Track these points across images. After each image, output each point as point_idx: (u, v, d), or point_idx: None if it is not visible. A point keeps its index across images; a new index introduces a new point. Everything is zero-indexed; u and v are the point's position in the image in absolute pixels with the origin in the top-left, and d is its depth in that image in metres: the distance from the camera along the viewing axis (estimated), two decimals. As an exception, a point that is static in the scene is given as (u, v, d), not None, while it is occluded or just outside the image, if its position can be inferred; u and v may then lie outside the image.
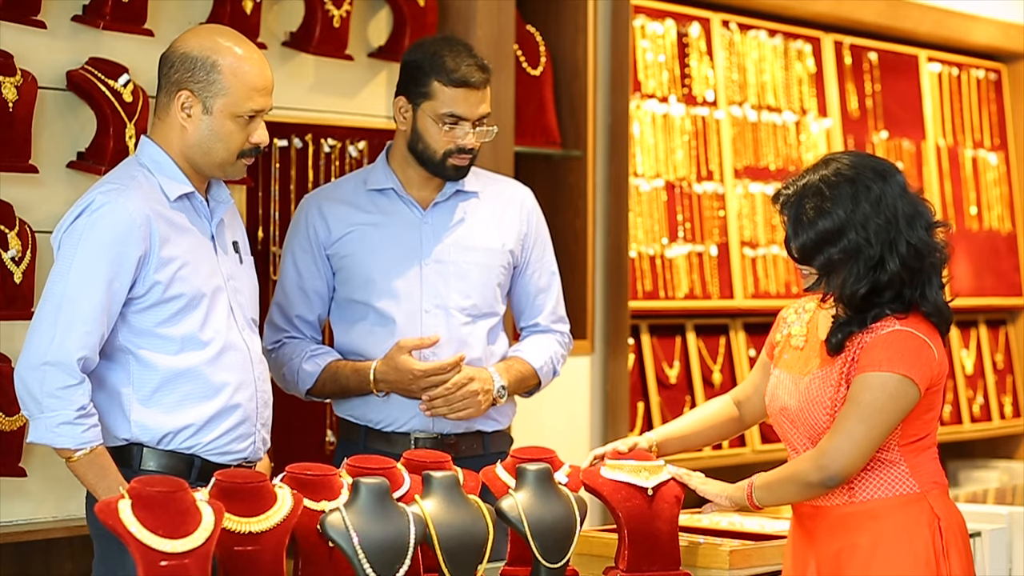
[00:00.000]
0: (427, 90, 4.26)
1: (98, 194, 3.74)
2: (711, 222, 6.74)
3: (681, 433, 4.05)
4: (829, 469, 3.56)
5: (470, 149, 4.30)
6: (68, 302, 3.67)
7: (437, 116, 4.26)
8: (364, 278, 4.31)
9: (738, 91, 6.92)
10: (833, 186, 3.58)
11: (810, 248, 3.59)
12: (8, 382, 4.25)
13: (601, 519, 5.72)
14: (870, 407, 3.53)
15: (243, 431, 3.86)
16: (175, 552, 3.07)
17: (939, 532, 3.61)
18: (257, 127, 3.85)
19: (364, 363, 4.30)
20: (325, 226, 4.33)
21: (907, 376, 3.53)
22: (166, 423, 3.77)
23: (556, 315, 4.53)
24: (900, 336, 3.55)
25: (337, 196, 4.38)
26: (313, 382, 4.33)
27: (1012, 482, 7.67)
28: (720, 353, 6.74)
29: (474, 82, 4.26)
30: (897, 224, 3.56)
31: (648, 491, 3.89)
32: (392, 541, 3.35)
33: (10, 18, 4.34)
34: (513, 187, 4.54)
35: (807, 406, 3.65)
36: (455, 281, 4.34)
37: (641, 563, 3.83)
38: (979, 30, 7.86)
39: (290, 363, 4.34)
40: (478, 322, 4.36)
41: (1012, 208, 8.18)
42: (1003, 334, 8.13)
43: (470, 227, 4.38)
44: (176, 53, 3.82)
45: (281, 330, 4.38)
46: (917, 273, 3.59)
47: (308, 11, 5.08)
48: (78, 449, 3.65)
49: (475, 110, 4.28)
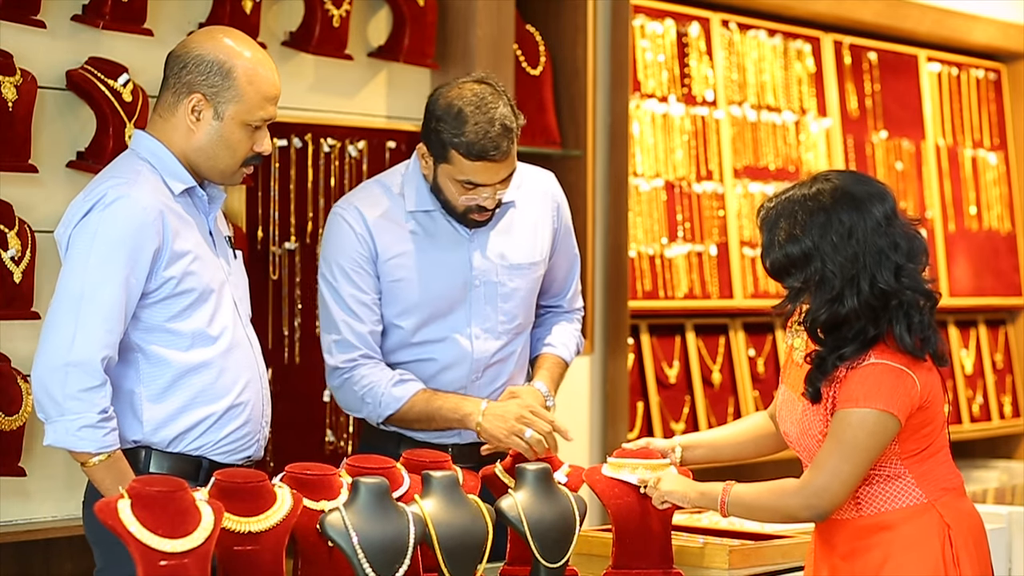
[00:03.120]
0: (447, 155, 4.09)
1: (108, 188, 3.67)
2: (711, 222, 6.74)
3: (711, 442, 4.03)
4: (818, 508, 3.56)
5: (490, 207, 4.18)
6: (87, 300, 3.59)
7: (455, 181, 4.12)
8: (411, 303, 4.21)
9: (738, 91, 6.92)
10: (808, 212, 3.54)
11: (778, 268, 3.60)
12: (8, 381, 4.25)
13: (601, 519, 5.72)
14: (851, 445, 3.51)
15: (250, 429, 3.85)
16: (175, 552, 3.07)
17: (948, 541, 3.59)
18: (263, 135, 3.82)
19: (466, 405, 4.15)
20: (374, 244, 4.18)
21: (885, 411, 3.50)
22: (178, 421, 3.74)
23: (576, 296, 4.51)
24: (876, 370, 3.52)
25: (381, 213, 4.20)
26: (398, 408, 4.18)
27: (1012, 482, 7.66)
28: (720, 353, 6.74)
29: (494, 156, 4.06)
30: (864, 260, 3.50)
31: (641, 489, 3.90)
32: (392, 541, 3.35)
33: (10, 18, 4.34)
34: (539, 179, 4.40)
35: (803, 436, 3.63)
36: (501, 303, 4.26)
37: (631, 560, 3.84)
38: (979, 30, 7.86)
39: (373, 387, 4.17)
40: (519, 337, 4.34)
41: (1012, 208, 8.18)
42: (1003, 334, 8.13)
43: (512, 242, 4.28)
44: (189, 54, 3.77)
45: (354, 348, 4.19)
46: (880, 312, 3.51)
47: (308, 11, 5.08)
48: (98, 453, 3.59)
49: (495, 177, 4.11)
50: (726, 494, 3.67)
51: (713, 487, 3.71)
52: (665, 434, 6.28)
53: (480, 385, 4.25)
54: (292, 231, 5.13)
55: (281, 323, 5.12)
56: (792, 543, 4.10)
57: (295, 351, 5.12)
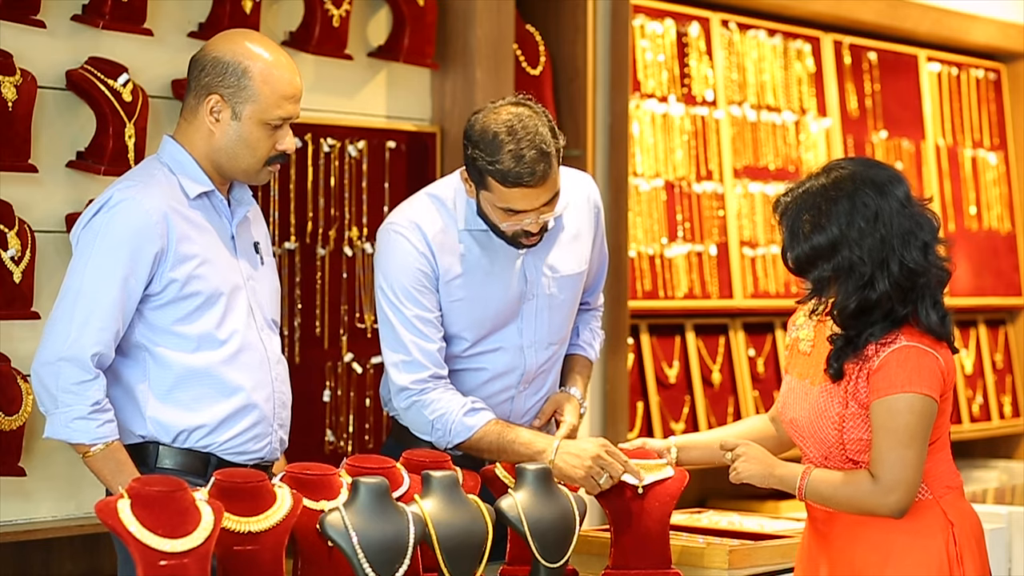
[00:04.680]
0: (485, 182, 4.00)
1: (116, 191, 3.75)
2: (710, 222, 6.74)
3: (708, 443, 4.02)
4: (899, 503, 3.53)
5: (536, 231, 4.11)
6: (84, 298, 3.68)
7: (495, 207, 4.05)
8: (469, 321, 4.17)
9: (737, 91, 6.92)
10: (831, 200, 3.53)
11: (804, 262, 3.57)
12: (7, 381, 4.25)
13: (600, 519, 5.72)
14: (908, 431, 3.50)
15: (259, 431, 3.86)
16: (174, 552, 3.07)
17: (952, 538, 3.59)
18: (285, 134, 3.86)
19: (539, 442, 4.05)
20: (436, 264, 4.11)
21: (927, 395, 3.51)
22: (182, 420, 3.77)
23: (600, 294, 4.49)
24: (911, 353, 3.52)
25: (438, 230, 4.12)
26: (468, 437, 4.09)
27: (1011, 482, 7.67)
28: (719, 353, 6.74)
29: (530, 182, 3.95)
30: (891, 243, 3.52)
31: (638, 489, 3.90)
32: (391, 541, 3.35)
33: (10, 18, 4.34)
34: (579, 185, 4.30)
35: (815, 419, 3.62)
36: (549, 315, 4.22)
37: (629, 560, 3.84)
38: (978, 30, 7.86)
39: (444, 415, 4.08)
40: (564, 346, 4.32)
41: (1011, 208, 8.18)
42: (1002, 334, 8.13)
43: (560, 253, 4.24)
44: (207, 57, 3.83)
45: (423, 367, 4.10)
46: (908, 292, 3.54)
47: (307, 11, 5.08)
48: (93, 444, 3.66)
49: (535, 203, 4.00)
50: (804, 479, 3.62)
51: (792, 471, 3.65)
52: (665, 434, 6.28)
53: (526, 395, 4.25)
54: (292, 231, 5.12)
55: (281, 323, 5.11)
56: (792, 543, 4.10)
57: (295, 351, 5.12)
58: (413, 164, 5.44)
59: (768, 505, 6.32)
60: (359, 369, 5.26)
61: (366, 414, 5.29)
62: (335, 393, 5.23)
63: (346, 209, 5.26)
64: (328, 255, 5.21)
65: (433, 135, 5.49)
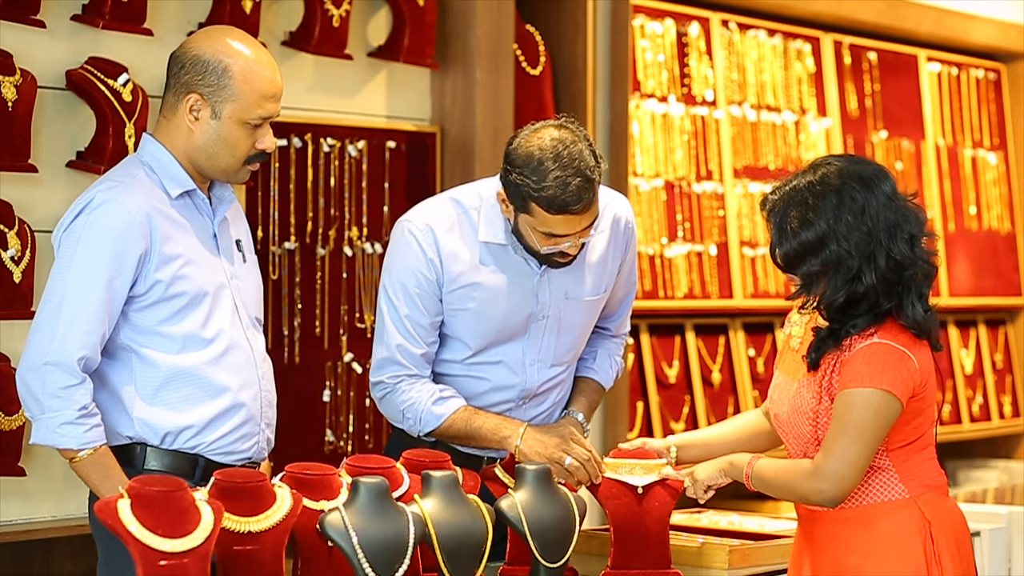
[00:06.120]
0: (527, 207, 3.93)
1: (97, 192, 3.70)
2: (710, 222, 6.74)
3: (706, 441, 4.04)
4: (829, 492, 3.55)
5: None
6: (68, 302, 3.63)
7: (536, 231, 4.00)
8: (472, 332, 4.15)
9: (737, 91, 6.92)
10: (818, 196, 3.55)
11: (793, 258, 3.58)
12: (7, 381, 4.25)
13: (600, 519, 5.72)
14: (858, 426, 3.51)
15: (247, 431, 3.84)
16: (174, 552, 3.07)
17: (930, 538, 3.60)
18: (265, 133, 3.80)
19: (505, 428, 4.07)
20: (443, 271, 4.09)
21: (888, 391, 3.51)
22: (169, 421, 3.74)
23: (625, 322, 4.43)
24: (878, 349, 3.53)
25: (454, 238, 4.10)
26: (437, 426, 4.11)
27: (1011, 482, 7.67)
28: (719, 353, 6.74)
29: (576, 209, 3.89)
30: (878, 236, 3.52)
31: (638, 489, 3.90)
32: (391, 541, 3.35)
33: (10, 17, 4.34)
34: (613, 207, 4.23)
35: (793, 414, 3.64)
36: (557, 337, 4.19)
37: (628, 560, 3.84)
38: (978, 30, 7.86)
39: (414, 404, 4.10)
40: (571, 366, 4.29)
41: (1011, 208, 8.18)
42: (1002, 334, 8.13)
43: (579, 277, 4.18)
44: (187, 54, 3.77)
45: (403, 367, 4.11)
46: (894, 286, 3.55)
47: (307, 10, 5.08)
48: (81, 449, 3.62)
49: (577, 227, 3.96)
50: (750, 467, 3.69)
51: (740, 459, 3.73)
52: (665, 434, 6.27)
53: (526, 408, 4.22)
54: (292, 231, 5.13)
55: (281, 323, 5.12)
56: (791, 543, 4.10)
57: (295, 351, 5.13)
58: (413, 164, 5.44)
59: (768, 505, 6.32)
60: (359, 369, 5.26)
61: (366, 414, 5.30)
62: (335, 393, 5.24)
63: (346, 209, 5.26)
64: (328, 255, 5.21)
65: (433, 135, 5.49)
